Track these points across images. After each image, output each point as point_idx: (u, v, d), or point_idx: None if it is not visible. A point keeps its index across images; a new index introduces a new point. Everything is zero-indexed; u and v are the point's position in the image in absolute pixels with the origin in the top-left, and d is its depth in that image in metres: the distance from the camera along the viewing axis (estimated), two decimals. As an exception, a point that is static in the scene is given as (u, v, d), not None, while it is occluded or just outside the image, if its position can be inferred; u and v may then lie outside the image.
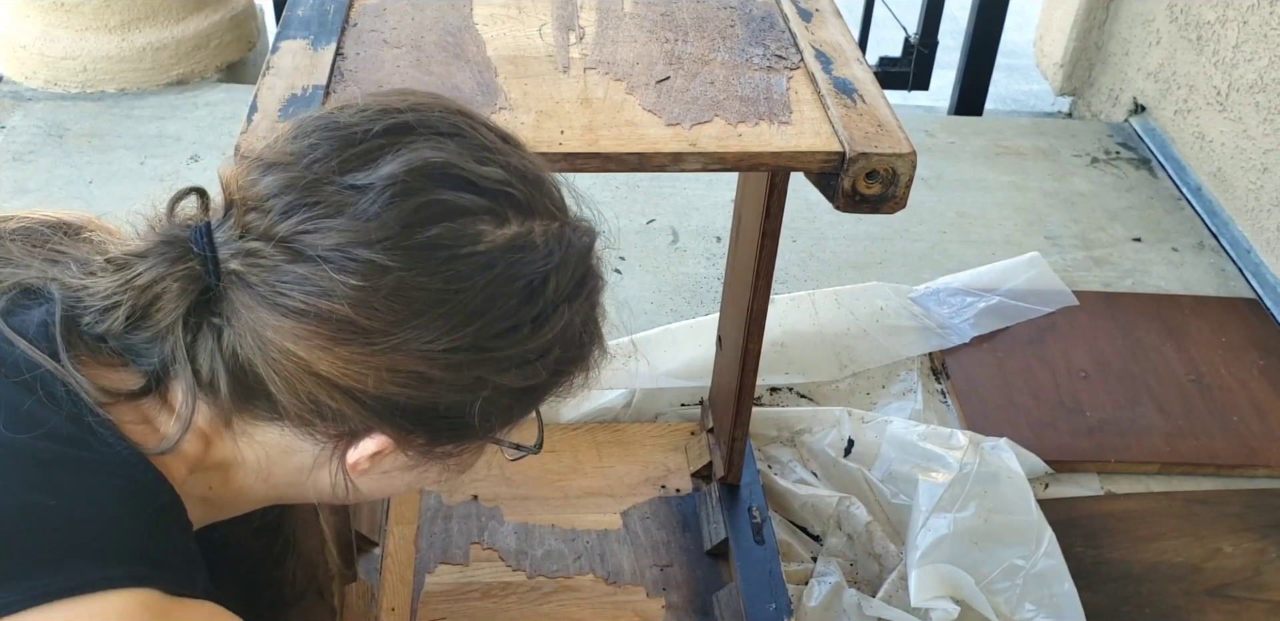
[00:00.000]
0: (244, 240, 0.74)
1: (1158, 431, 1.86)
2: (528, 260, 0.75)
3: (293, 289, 0.72)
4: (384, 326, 0.72)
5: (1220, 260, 2.35)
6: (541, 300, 0.76)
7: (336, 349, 0.72)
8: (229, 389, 0.75)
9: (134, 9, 2.72)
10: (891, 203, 1.01)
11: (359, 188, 0.73)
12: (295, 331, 0.72)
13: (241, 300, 0.73)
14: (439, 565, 1.56)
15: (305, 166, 0.75)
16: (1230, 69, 2.42)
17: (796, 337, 1.96)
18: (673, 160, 1.01)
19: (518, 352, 0.76)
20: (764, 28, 1.21)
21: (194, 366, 0.75)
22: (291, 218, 0.73)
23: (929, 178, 2.54)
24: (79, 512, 0.71)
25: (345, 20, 1.18)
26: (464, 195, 0.74)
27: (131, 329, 0.76)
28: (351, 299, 0.71)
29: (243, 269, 0.73)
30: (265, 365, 0.73)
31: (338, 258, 0.71)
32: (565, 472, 1.71)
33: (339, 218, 0.72)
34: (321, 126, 0.77)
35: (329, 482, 0.81)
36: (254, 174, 0.76)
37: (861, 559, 1.61)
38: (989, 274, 2.15)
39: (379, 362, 0.73)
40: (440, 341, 0.73)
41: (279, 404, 0.75)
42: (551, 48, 1.16)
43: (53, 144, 2.55)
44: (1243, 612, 1.60)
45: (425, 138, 0.76)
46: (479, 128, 0.79)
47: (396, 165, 0.74)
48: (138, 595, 0.69)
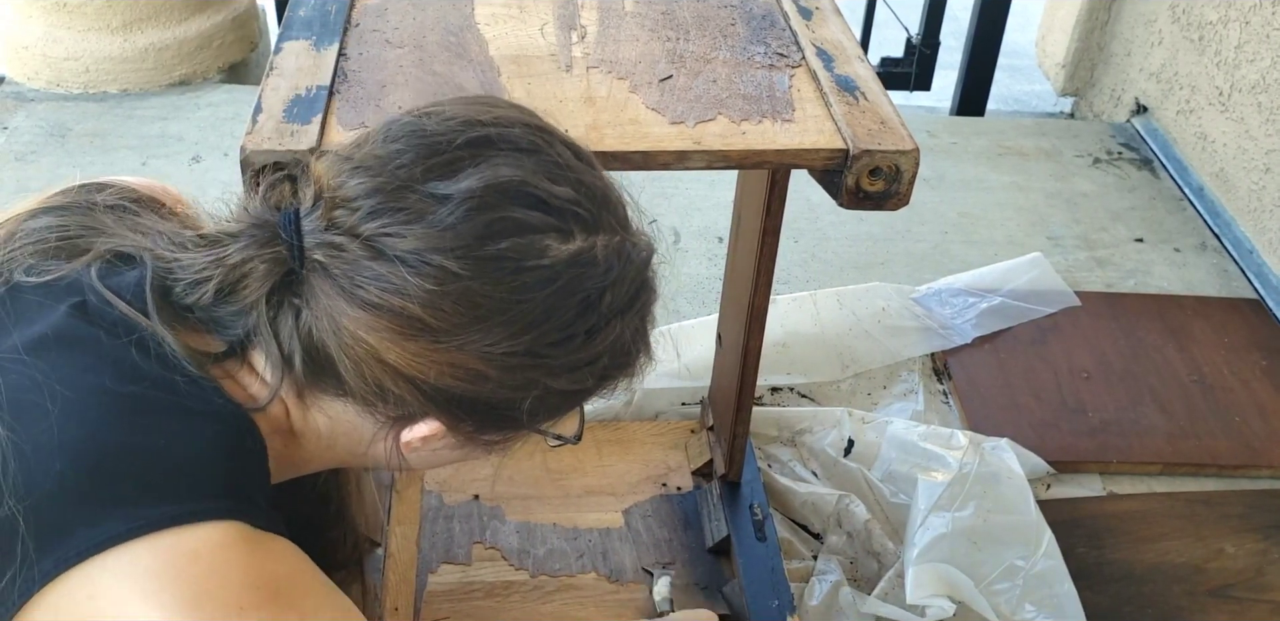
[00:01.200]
0: (329, 232, 0.80)
1: (1160, 432, 1.86)
2: (588, 275, 0.81)
3: (370, 284, 0.78)
4: (450, 327, 0.78)
5: (1222, 260, 2.35)
6: (597, 314, 0.82)
7: (405, 342, 0.79)
8: (303, 364, 0.82)
9: (136, 10, 2.73)
10: (895, 199, 1.02)
11: (439, 198, 0.79)
12: (369, 322, 0.78)
13: (321, 287, 0.79)
14: (441, 565, 1.56)
15: (392, 171, 0.80)
16: (1232, 69, 2.42)
17: (798, 338, 1.96)
18: (677, 158, 1.01)
19: (570, 360, 0.83)
20: (765, 26, 1.21)
21: (277, 340, 0.81)
22: (376, 220, 0.79)
23: (931, 178, 2.54)
24: (179, 451, 0.78)
25: (347, 20, 1.19)
26: (534, 214, 0.80)
27: (219, 302, 0.82)
28: (422, 300, 0.77)
29: (325, 260, 0.79)
30: (338, 348, 0.80)
31: (414, 260, 0.78)
32: (566, 471, 1.71)
33: (418, 224, 0.78)
34: (410, 133, 0.82)
35: (384, 455, 0.88)
36: (344, 173, 0.81)
37: (861, 557, 1.61)
38: (991, 274, 2.15)
39: (442, 358, 0.79)
40: (500, 345, 0.79)
41: (346, 383, 0.82)
42: (554, 47, 1.16)
43: (55, 144, 2.55)
44: (1245, 613, 1.59)
45: (504, 153, 0.81)
46: (555, 144, 0.84)
47: (475, 181, 0.79)
48: (233, 526, 0.76)
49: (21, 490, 0.75)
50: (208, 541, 0.75)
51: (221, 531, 0.76)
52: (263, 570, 0.76)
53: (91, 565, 0.74)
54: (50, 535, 0.74)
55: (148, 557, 0.74)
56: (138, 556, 0.74)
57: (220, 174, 2.45)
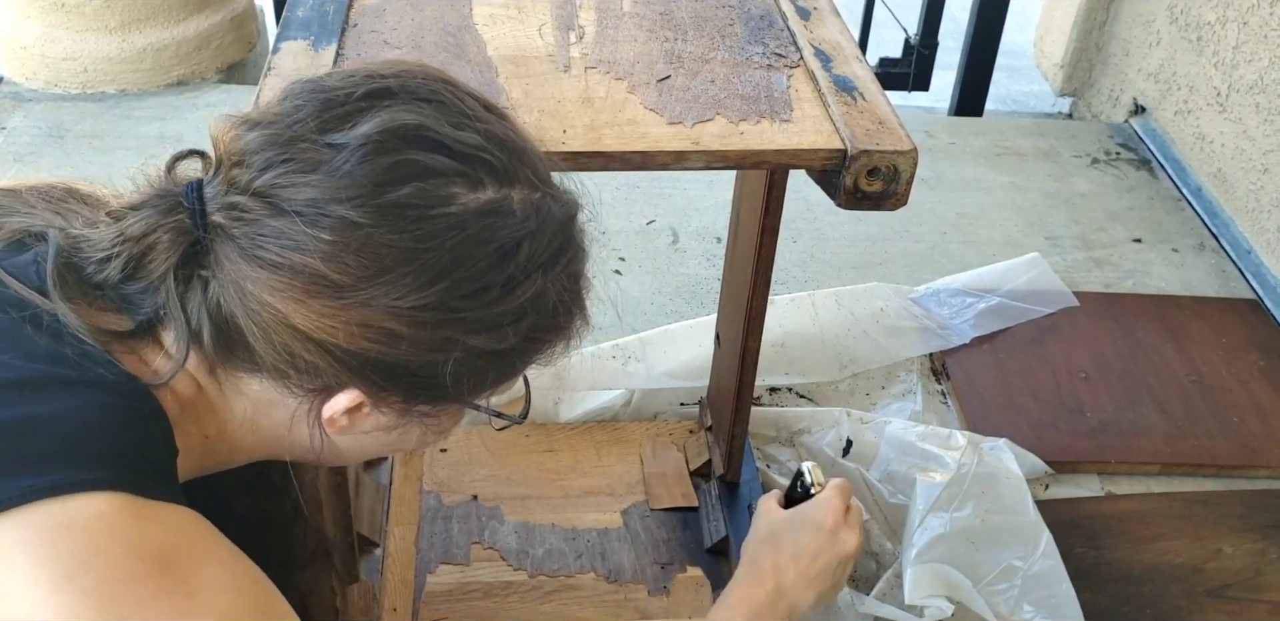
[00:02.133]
0: (229, 194, 0.77)
1: (1158, 432, 1.86)
2: (501, 225, 0.77)
3: (270, 242, 0.75)
4: (353, 281, 0.75)
5: (1221, 261, 2.35)
6: (513, 265, 0.78)
7: (309, 302, 0.75)
8: (212, 339, 0.79)
9: (134, 10, 2.73)
10: (893, 200, 1.02)
11: (335, 146, 0.76)
12: (271, 283, 0.75)
13: (225, 253, 0.76)
14: (440, 565, 1.56)
15: (287, 125, 0.78)
16: (1230, 70, 2.42)
17: (796, 338, 1.96)
18: (676, 158, 1.01)
19: (487, 315, 0.78)
20: (763, 26, 1.21)
21: (184, 313, 0.78)
22: (269, 172, 0.76)
23: (929, 178, 2.54)
24: (64, 422, 0.74)
25: (345, 21, 1.19)
26: (437, 157, 0.77)
27: (126, 279, 0.79)
28: (323, 253, 0.74)
29: (225, 222, 0.76)
30: (245, 316, 0.76)
31: (311, 212, 0.74)
32: (565, 472, 1.71)
33: (314, 173, 0.75)
34: (308, 89, 0.80)
35: (308, 438, 0.84)
36: (239, 130, 0.79)
37: (859, 557, 1.61)
38: (989, 275, 2.15)
39: (349, 317, 0.76)
40: (408, 298, 0.76)
41: (257, 355, 0.78)
42: (552, 47, 1.16)
43: (53, 145, 2.55)
44: (1243, 613, 1.59)
45: (405, 102, 0.78)
46: (461, 95, 0.81)
47: (372, 125, 0.76)
48: (116, 497, 0.72)
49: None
50: (84, 512, 0.71)
51: (101, 501, 0.72)
52: (148, 539, 0.72)
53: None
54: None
55: (18, 530, 0.70)
56: (8, 529, 0.70)
57: (218, 174, 2.45)
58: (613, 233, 2.31)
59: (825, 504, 1.20)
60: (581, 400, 1.82)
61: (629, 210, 2.38)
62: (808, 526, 1.18)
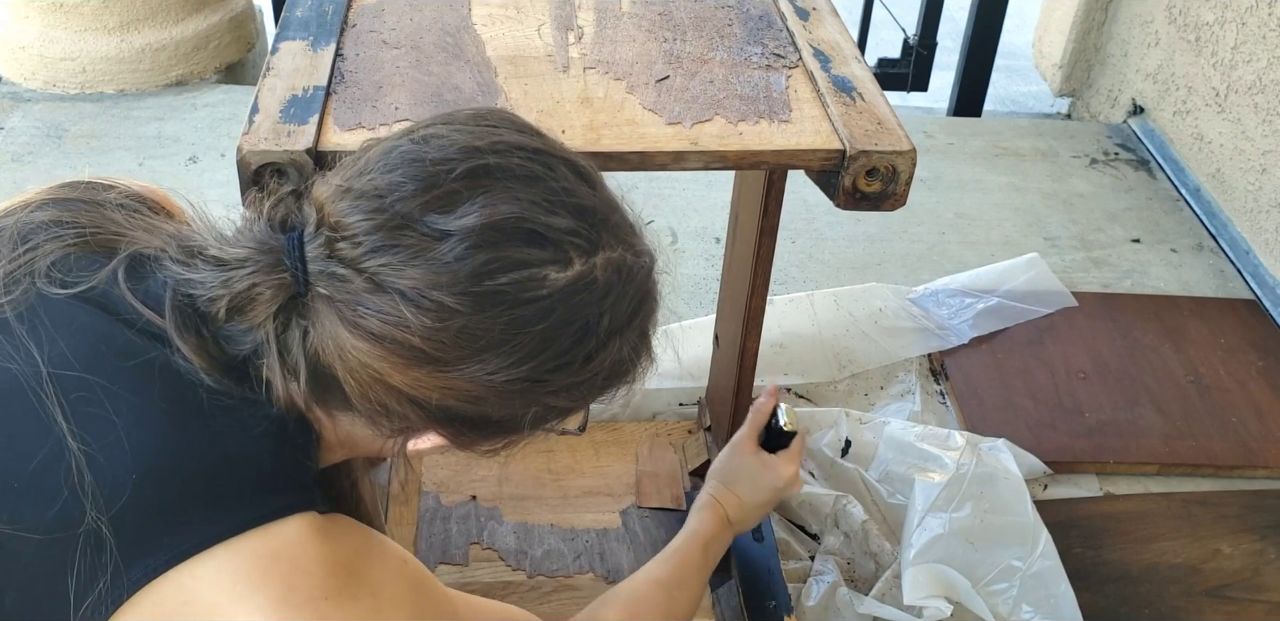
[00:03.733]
0: (331, 261, 0.81)
1: (1156, 432, 1.86)
2: (584, 302, 0.82)
3: (371, 315, 0.80)
4: (450, 357, 0.81)
5: (1219, 261, 2.35)
6: (595, 338, 0.84)
7: (407, 370, 0.81)
8: (308, 381, 0.84)
9: (133, 10, 2.73)
10: (892, 200, 1.02)
11: (438, 235, 0.80)
12: (372, 351, 0.81)
13: (325, 312, 0.82)
14: (439, 565, 1.55)
15: (390, 205, 0.81)
16: (1229, 70, 2.42)
17: (795, 338, 1.96)
18: (674, 159, 1.01)
19: (568, 382, 0.85)
20: (762, 27, 1.21)
21: (281, 353, 0.84)
22: (376, 257, 0.80)
23: (928, 179, 2.55)
24: (242, 452, 0.83)
25: (344, 21, 1.19)
26: (531, 250, 0.81)
27: (230, 320, 0.85)
28: (423, 332, 0.80)
29: (327, 290, 0.81)
30: (344, 370, 0.82)
31: (414, 296, 0.79)
32: (563, 472, 1.71)
33: (418, 261, 0.80)
34: (408, 161, 0.83)
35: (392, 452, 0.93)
36: (344, 202, 0.83)
37: (858, 557, 1.61)
38: (988, 275, 2.15)
39: (444, 384, 0.82)
40: (499, 375, 0.82)
41: (351, 401, 0.84)
42: (550, 47, 1.16)
43: (51, 145, 2.55)
44: (1241, 613, 1.60)
45: (502, 183, 0.82)
46: (556, 167, 0.85)
47: (474, 219, 0.80)
48: (307, 517, 0.82)
49: (101, 502, 0.79)
50: (286, 539, 0.81)
51: (295, 526, 0.81)
52: (337, 555, 0.82)
53: (180, 572, 0.78)
54: (135, 544, 0.78)
55: (235, 561, 0.79)
56: (224, 561, 0.79)
57: (217, 175, 2.45)
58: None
59: (788, 464, 1.40)
60: (580, 400, 1.82)
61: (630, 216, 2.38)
62: (766, 478, 1.39)
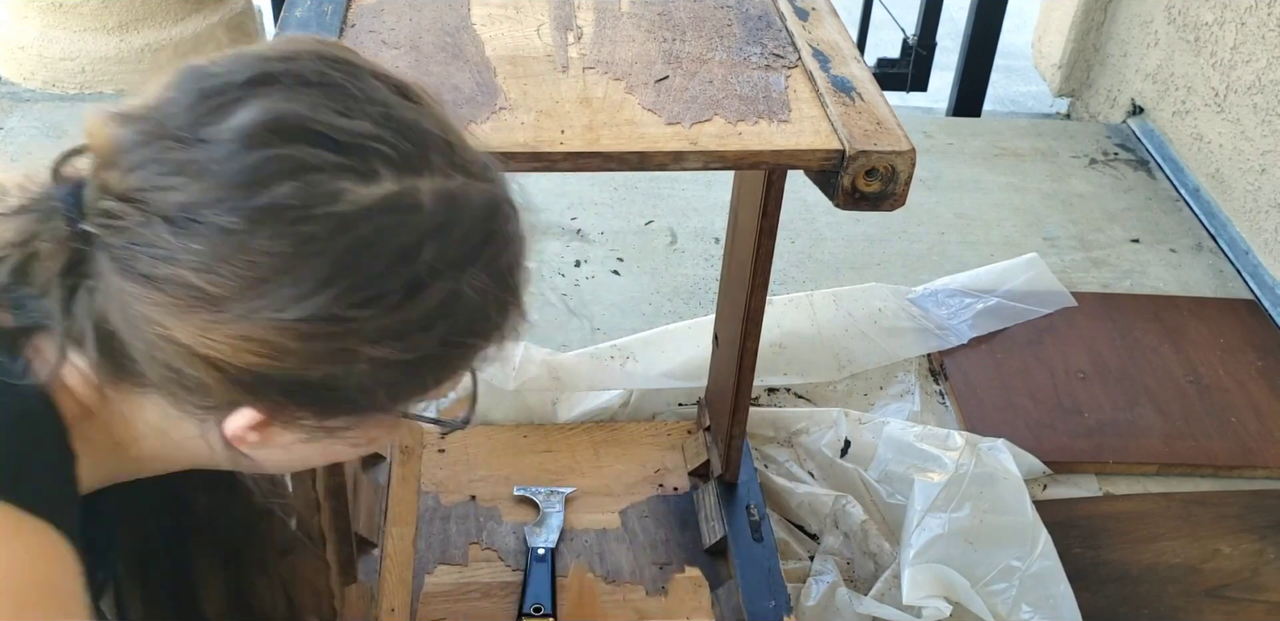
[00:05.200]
0: (102, 199, 0.70)
1: (1156, 432, 1.86)
2: (401, 222, 0.69)
3: (141, 252, 0.68)
4: (230, 293, 0.68)
5: (1218, 261, 2.35)
6: (415, 267, 0.70)
7: (187, 316, 0.68)
8: (97, 352, 0.72)
9: (132, 10, 2.72)
10: (891, 200, 1.02)
11: (203, 142, 0.69)
12: (149, 297, 0.68)
13: (103, 263, 0.70)
14: (438, 565, 1.55)
15: (160, 119, 0.70)
16: (1228, 70, 2.42)
17: (795, 338, 1.96)
18: (673, 159, 1.01)
19: (389, 323, 0.70)
20: (761, 26, 1.21)
21: (67, 323, 0.72)
22: (136, 173, 0.69)
23: (927, 179, 2.54)
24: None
25: (343, 21, 1.19)
26: (317, 151, 0.69)
27: (15, 283, 0.73)
28: (194, 264, 0.67)
29: (98, 230, 0.69)
30: (129, 331, 0.70)
31: (181, 218, 0.67)
32: (563, 472, 1.71)
33: (181, 175, 0.68)
34: (188, 76, 0.73)
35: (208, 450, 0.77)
36: (111, 126, 0.71)
37: (857, 557, 1.61)
38: (987, 275, 2.15)
39: (231, 331, 0.68)
40: (290, 310, 0.68)
41: (144, 373, 0.72)
42: (550, 47, 1.16)
43: (51, 145, 2.54)
44: (1241, 613, 1.60)
45: (286, 88, 0.71)
46: (360, 76, 0.73)
47: (243, 117, 0.69)
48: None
49: None
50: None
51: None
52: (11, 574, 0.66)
53: None
54: None
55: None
56: None
57: (216, 174, 2.45)
58: (611, 233, 2.31)
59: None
60: (580, 400, 1.82)
61: (627, 210, 2.38)
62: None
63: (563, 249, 2.25)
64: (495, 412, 1.80)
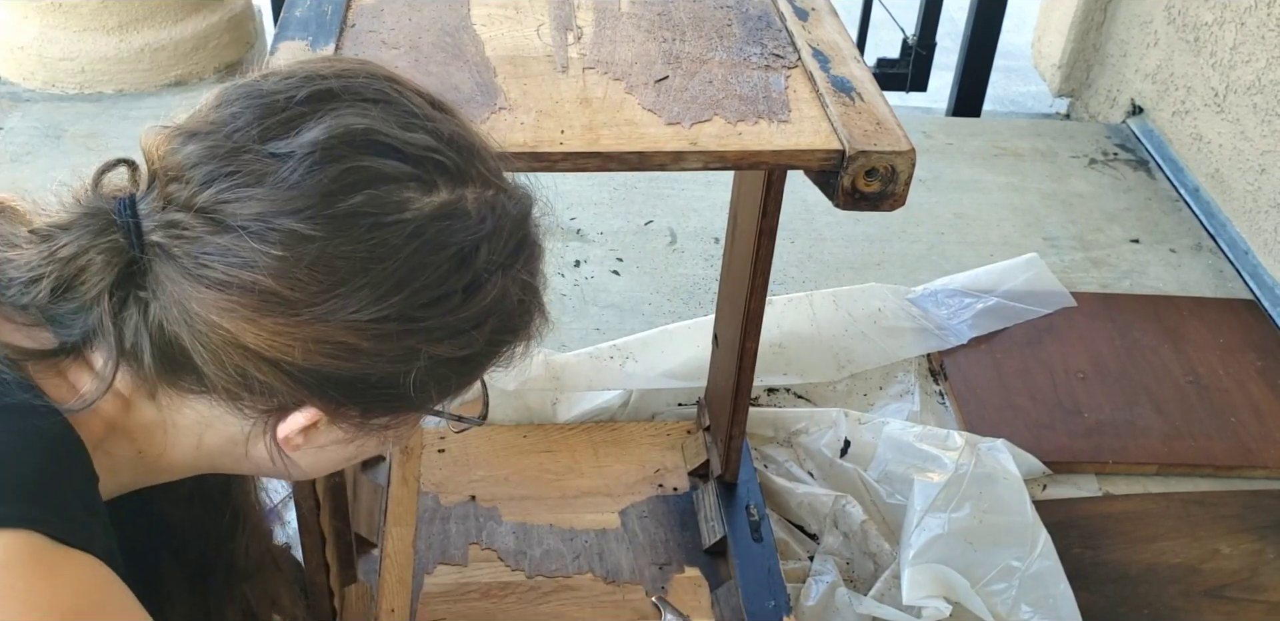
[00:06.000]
0: (166, 211, 0.73)
1: (1155, 432, 1.86)
2: (458, 228, 0.74)
3: (215, 260, 0.71)
4: (307, 297, 0.71)
5: (1218, 261, 2.35)
6: (473, 269, 0.75)
7: (261, 320, 0.71)
8: (154, 361, 0.74)
9: (132, 10, 2.72)
10: (891, 200, 1.01)
11: (279, 156, 0.72)
12: (219, 303, 0.71)
13: (166, 273, 0.72)
14: (438, 566, 1.56)
15: (226, 135, 0.73)
16: (1228, 70, 2.42)
17: (794, 339, 1.96)
18: (673, 159, 1.01)
19: (451, 322, 0.75)
20: (761, 27, 1.21)
21: (118, 337, 0.74)
22: (211, 187, 0.72)
23: (927, 179, 2.55)
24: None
25: (343, 21, 1.18)
26: (388, 162, 0.73)
27: (57, 301, 0.75)
28: (273, 269, 0.71)
29: (165, 241, 0.72)
30: (191, 338, 0.73)
31: (258, 227, 0.71)
32: (563, 472, 1.71)
33: (259, 187, 0.71)
34: (245, 94, 0.76)
35: (266, 457, 0.80)
36: (175, 143, 0.74)
37: (857, 557, 1.61)
38: (987, 275, 2.15)
39: (305, 334, 0.72)
40: (366, 311, 0.72)
41: (206, 377, 0.74)
42: (550, 48, 1.16)
43: (50, 145, 2.55)
44: (1240, 613, 1.60)
45: (349, 104, 0.75)
46: (407, 94, 0.78)
47: (317, 132, 0.72)
48: (21, 536, 0.67)
49: None
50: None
51: (10, 542, 0.67)
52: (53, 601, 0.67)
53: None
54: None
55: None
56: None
57: (216, 174, 2.45)
58: (610, 233, 2.31)
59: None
60: (579, 401, 1.82)
61: (627, 210, 2.38)
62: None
63: (563, 249, 2.25)
64: (495, 412, 1.80)
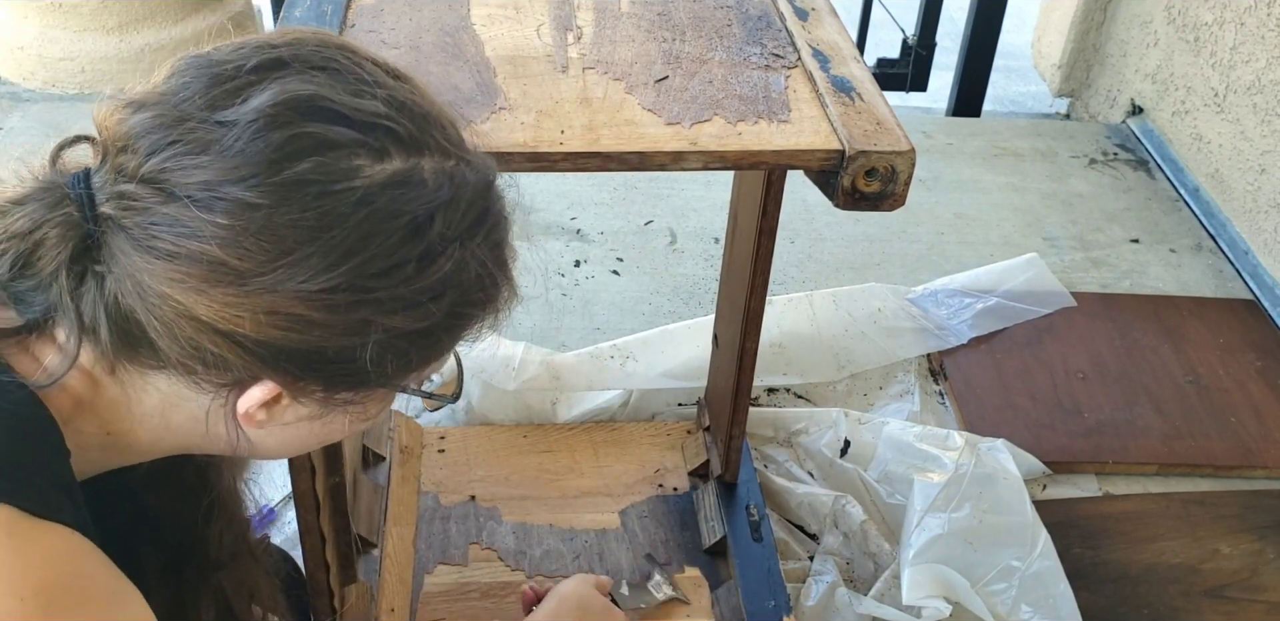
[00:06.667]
0: (116, 183, 0.72)
1: (1155, 432, 1.86)
2: (411, 197, 0.73)
3: (164, 231, 0.70)
4: (255, 266, 0.71)
5: (1218, 261, 2.35)
6: (427, 238, 0.74)
7: (210, 291, 0.71)
8: (111, 336, 0.74)
9: (132, 10, 2.73)
10: (891, 200, 1.01)
11: (226, 123, 0.71)
12: (169, 274, 0.71)
13: (119, 245, 0.72)
14: (438, 565, 1.56)
15: (174, 104, 0.73)
16: (1228, 70, 2.42)
17: (794, 339, 1.96)
18: (673, 159, 1.01)
19: (404, 293, 0.74)
20: (761, 27, 1.21)
21: (78, 313, 0.74)
22: (156, 156, 0.71)
23: (927, 179, 2.55)
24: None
25: (343, 21, 1.19)
26: (336, 128, 0.72)
27: (16, 277, 0.75)
28: (220, 238, 0.70)
29: (116, 212, 0.72)
30: (145, 311, 0.72)
31: (204, 196, 0.70)
32: (563, 472, 1.71)
33: (205, 155, 0.71)
34: (195, 64, 0.75)
35: (225, 434, 0.80)
36: (123, 113, 0.74)
37: (857, 557, 1.61)
38: (987, 275, 2.15)
39: (255, 304, 0.71)
40: (315, 281, 0.71)
41: (161, 351, 0.74)
42: (550, 48, 1.16)
43: (50, 145, 2.54)
44: (1240, 613, 1.60)
45: (298, 72, 0.74)
46: (361, 62, 0.77)
47: (263, 99, 0.72)
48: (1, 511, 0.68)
49: None
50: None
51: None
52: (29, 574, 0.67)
53: None
54: None
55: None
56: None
57: (216, 174, 2.45)
58: (610, 233, 2.31)
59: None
60: (579, 400, 1.82)
61: (627, 210, 2.38)
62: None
63: (563, 249, 2.25)
64: (495, 412, 1.80)
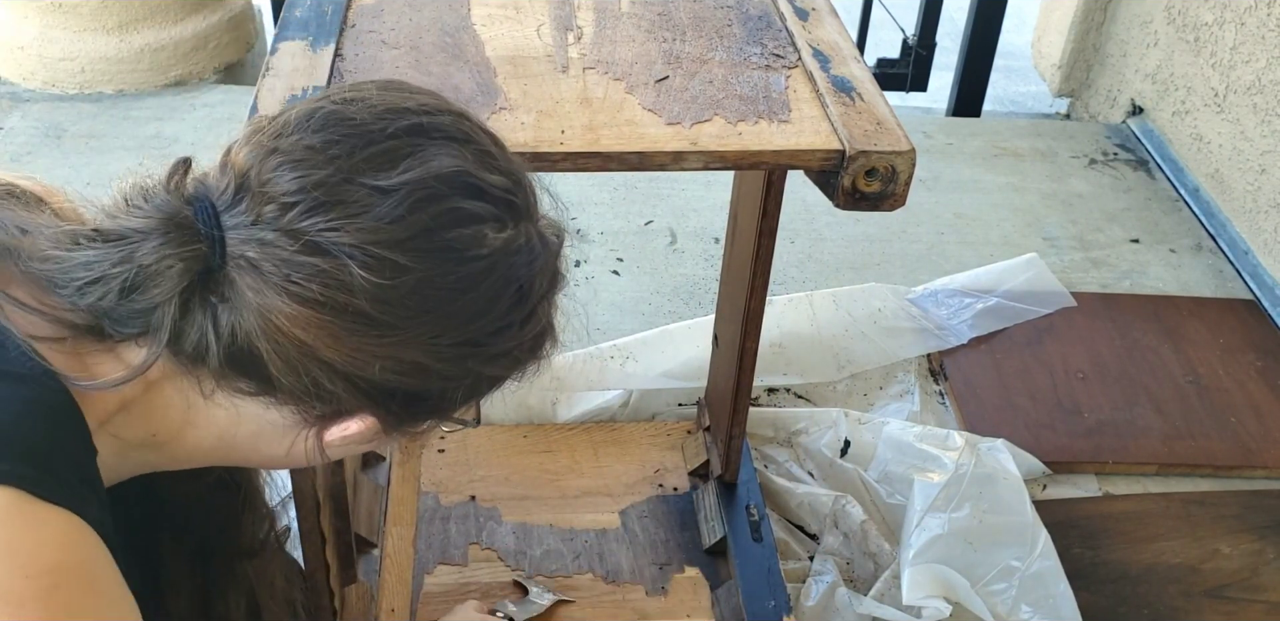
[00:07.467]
0: (257, 228, 0.77)
1: (1155, 432, 1.86)
2: (520, 263, 0.81)
3: (311, 280, 0.75)
4: (395, 321, 0.77)
5: (1218, 261, 2.35)
6: (529, 301, 0.83)
7: (346, 338, 0.77)
8: (221, 363, 0.78)
9: (132, 10, 2.72)
10: (891, 200, 1.02)
11: (382, 190, 0.77)
12: (307, 319, 0.76)
13: (249, 284, 0.76)
14: (438, 565, 1.56)
15: (327, 162, 0.78)
16: (1228, 70, 2.42)
17: (794, 339, 1.96)
18: (674, 159, 1.01)
19: (504, 348, 0.83)
20: (761, 27, 1.21)
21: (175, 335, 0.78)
22: (315, 215, 0.76)
23: (927, 179, 2.55)
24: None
25: (343, 21, 1.19)
26: (477, 203, 0.80)
27: (123, 301, 0.78)
28: (370, 294, 0.76)
29: (256, 256, 0.76)
30: (269, 347, 0.77)
31: (360, 255, 0.76)
32: (563, 472, 1.71)
33: (363, 218, 0.77)
34: (336, 121, 0.80)
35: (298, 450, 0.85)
36: (269, 161, 0.78)
37: (857, 557, 1.61)
38: (987, 275, 2.15)
39: (385, 353, 0.78)
40: (445, 337, 0.79)
41: (277, 382, 0.79)
42: (550, 48, 1.16)
43: (50, 145, 2.55)
44: (1240, 613, 1.60)
45: (438, 142, 0.80)
46: (478, 132, 0.84)
47: (419, 172, 0.78)
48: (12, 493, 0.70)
49: None
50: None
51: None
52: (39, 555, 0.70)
53: None
54: None
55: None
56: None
57: (216, 174, 2.45)
58: (610, 233, 2.31)
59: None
60: (580, 401, 1.82)
61: (627, 210, 2.38)
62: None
63: (562, 249, 2.25)
64: (495, 412, 1.80)
